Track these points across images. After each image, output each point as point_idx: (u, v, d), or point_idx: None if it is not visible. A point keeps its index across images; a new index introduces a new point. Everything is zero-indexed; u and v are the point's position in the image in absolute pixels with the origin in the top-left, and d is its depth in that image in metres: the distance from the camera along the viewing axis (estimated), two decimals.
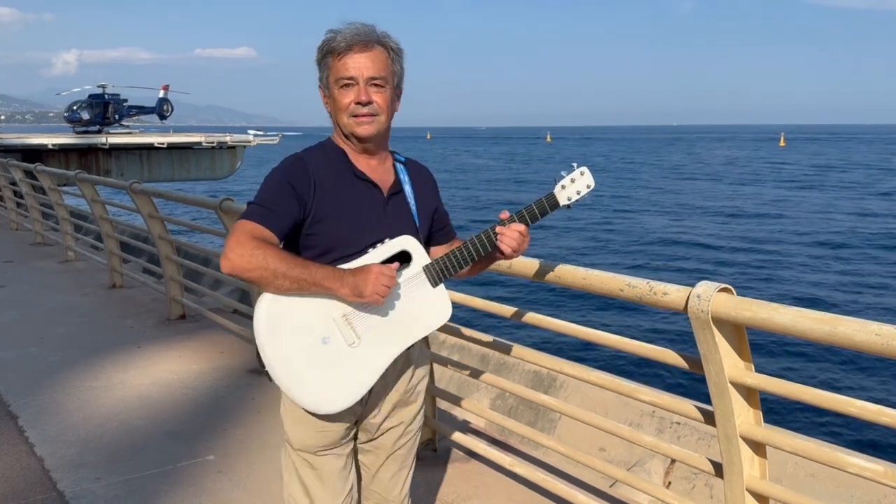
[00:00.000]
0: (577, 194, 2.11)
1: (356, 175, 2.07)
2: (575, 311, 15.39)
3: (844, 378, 11.81)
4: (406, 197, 2.14)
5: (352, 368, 1.99)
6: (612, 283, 2.44)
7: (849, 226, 30.11)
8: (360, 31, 2.00)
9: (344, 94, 2.01)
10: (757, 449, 2.33)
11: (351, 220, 2.02)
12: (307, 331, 1.96)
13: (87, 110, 41.05)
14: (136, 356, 5.47)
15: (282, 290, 1.91)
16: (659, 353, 2.47)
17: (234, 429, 4.14)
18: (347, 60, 1.99)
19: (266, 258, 1.86)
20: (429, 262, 2.07)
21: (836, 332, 1.91)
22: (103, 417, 4.32)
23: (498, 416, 3.65)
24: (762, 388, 2.21)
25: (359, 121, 2.02)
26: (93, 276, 8.38)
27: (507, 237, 2.05)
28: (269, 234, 1.93)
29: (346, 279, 1.91)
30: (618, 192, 44.66)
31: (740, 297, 2.12)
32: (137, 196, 6.47)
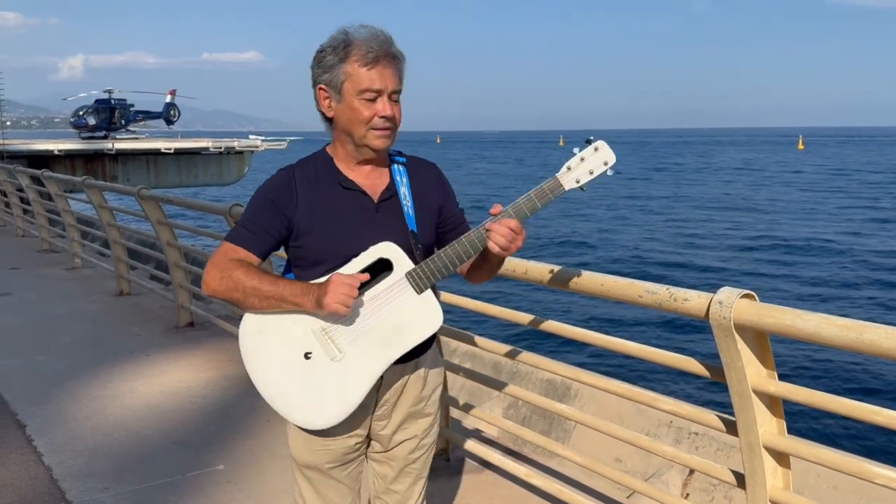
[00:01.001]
0: (590, 174, 1.91)
1: (341, 184, 2.04)
2: (592, 318, 15.36)
3: (871, 386, 11.71)
4: (400, 200, 2.08)
5: (337, 383, 1.97)
6: (631, 290, 2.43)
7: (874, 230, 29.93)
8: (385, 41, 1.97)
9: (367, 107, 1.96)
10: (780, 459, 2.32)
11: (337, 230, 2.01)
12: (289, 347, 1.97)
13: (93, 115, 41.40)
14: (145, 364, 5.49)
15: (255, 308, 1.96)
16: (679, 361, 2.46)
17: (243, 438, 4.15)
18: (376, 72, 1.94)
19: (237, 279, 1.93)
20: (412, 267, 1.98)
21: (863, 338, 1.89)
22: (111, 426, 4.34)
23: (512, 424, 3.64)
24: (786, 396, 2.19)
25: (378, 134, 1.99)
26: (100, 283, 8.44)
27: (494, 234, 1.89)
28: (247, 256, 1.98)
29: (311, 291, 1.92)
30: (635, 197, 44.58)
31: (763, 304, 2.11)
32: (146, 202, 6.51)
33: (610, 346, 2.73)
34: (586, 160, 1.91)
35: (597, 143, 1.92)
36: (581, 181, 1.91)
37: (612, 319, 15.41)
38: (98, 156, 31.19)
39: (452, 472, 3.81)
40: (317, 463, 2.11)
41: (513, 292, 16.23)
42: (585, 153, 1.92)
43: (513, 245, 1.91)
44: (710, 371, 2.35)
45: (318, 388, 1.97)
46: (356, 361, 1.97)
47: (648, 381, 10.87)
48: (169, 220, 6.65)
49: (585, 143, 1.93)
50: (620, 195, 45.65)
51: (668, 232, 30.31)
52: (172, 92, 46.56)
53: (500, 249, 1.91)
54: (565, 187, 1.92)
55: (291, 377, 1.97)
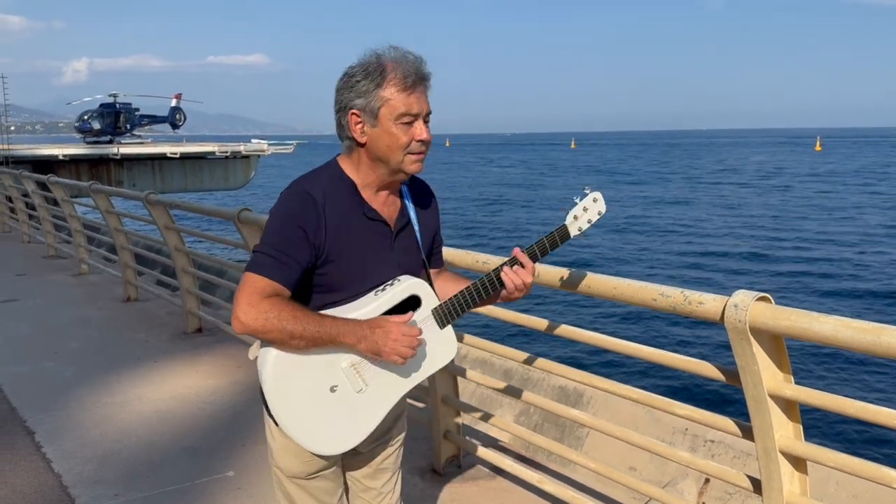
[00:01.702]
0: (589, 223, 2.10)
1: (366, 215, 2.05)
2: (604, 321, 15.36)
3: (890, 390, 11.66)
4: (413, 228, 2.16)
5: (357, 413, 2.04)
6: (645, 293, 2.45)
7: (892, 232, 29.79)
8: (420, 65, 2.00)
9: (405, 132, 1.98)
10: (797, 465, 2.33)
11: (360, 261, 2.04)
12: (314, 381, 2.00)
13: (98, 120, 41.64)
14: (153, 371, 5.54)
15: (297, 349, 1.95)
16: (694, 365, 2.47)
17: (253, 444, 4.19)
18: (413, 97, 1.97)
19: (280, 320, 1.89)
20: (437, 304, 2.09)
21: (880, 341, 1.91)
22: (120, 433, 4.38)
23: (524, 430, 3.66)
24: (802, 400, 2.21)
25: (415, 158, 2.01)
26: (107, 288, 8.50)
27: (512, 275, 2.06)
28: (281, 289, 1.93)
29: (364, 335, 1.93)
30: (648, 200, 44.50)
31: (779, 307, 2.12)
32: (153, 207, 6.57)
33: (623, 350, 2.76)
34: (588, 210, 2.10)
35: (594, 194, 2.11)
36: (582, 229, 2.11)
37: (626, 323, 15.40)
38: (103, 161, 31.42)
39: (464, 478, 3.83)
40: (307, 471, 2.16)
41: (523, 297, 16.13)
42: (587, 203, 2.10)
43: (528, 288, 2.09)
44: (725, 375, 2.37)
45: (341, 419, 2.03)
46: (378, 392, 2.05)
47: (663, 386, 10.87)
48: (176, 224, 6.70)
49: (583, 192, 2.12)
50: (633, 197, 45.61)
51: (682, 234, 30.24)
52: (178, 96, 46.82)
53: (517, 293, 2.08)
54: (571, 235, 2.11)
55: (315, 410, 2.01)
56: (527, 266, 2.06)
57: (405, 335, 1.94)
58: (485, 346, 3.58)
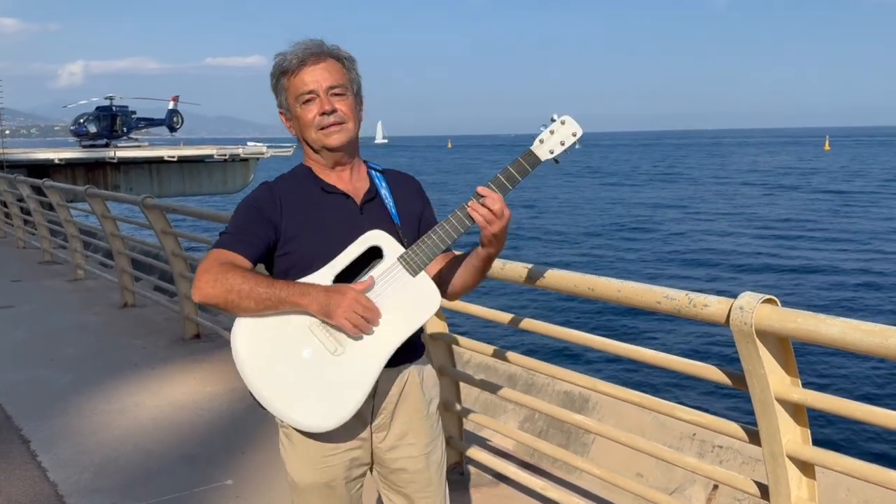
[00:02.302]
0: (562, 145, 2.03)
1: (324, 189, 2.12)
2: (608, 325, 15.36)
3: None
4: (383, 200, 2.17)
5: (340, 378, 1.95)
6: (649, 296, 2.45)
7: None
8: (310, 45, 2.08)
9: (307, 110, 2.07)
10: (805, 470, 2.33)
11: (324, 233, 2.06)
12: (285, 348, 1.96)
13: (94, 123, 41.66)
14: (150, 378, 5.55)
15: (250, 311, 1.94)
16: (699, 369, 2.47)
17: (252, 452, 4.19)
18: (303, 75, 2.05)
19: (230, 281, 1.92)
20: (403, 251, 2.03)
21: (889, 343, 1.90)
22: (117, 441, 4.39)
23: (528, 436, 3.66)
24: (810, 404, 2.21)
25: (327, 132, 2.07)
26: (103, 294, 8.51)
27: (479, 207, 1.96)
28: (238, 259, 2.00)
29: (315, 295, 1.92)
30: (651, 201, 44.50)
31: (785, 309, 2.12)
32: (150, 211, 6.58)
33: (627, 353, 2.76)
34: (556, 133, 2.04)
35: (563, 117, 2.06)
36: (555, 152, 2.03)
37: (631, 327, 15.40)
38: (99, 164, 31.42)
39: (467, 485, 3.83)
40: (318, 482, 2.11)
41: (526, 300, 16.28)
42: (554, 127, 2.04)
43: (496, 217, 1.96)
44: (731, 379, 2.37)
45: (324, 386, 1.95)
46: (359, 352, 1.97)
47: (668, 390, 10.87)
48: (174, 229, 6.72)
49: (551, 120, 2.06)
50: (636, 198, 45.67)
51: (687, 236, 30.24)
52: (175, 98, 46.86)
53: (484, 221, 1.96)
54: (541, 158, 2.04)
55: (292, 379, 1.95)
56: (491, 195, 1.96)
57: (361, 303, 1.91)
58: (488, 350, 3.58)
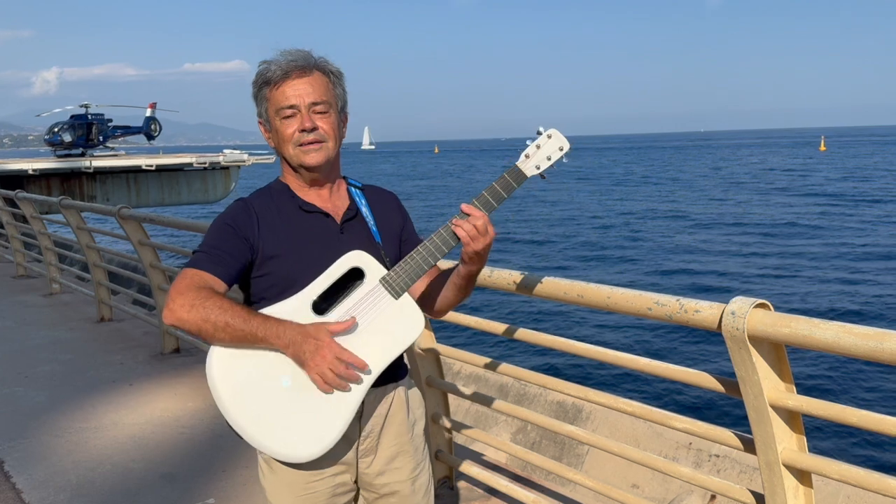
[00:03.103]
0: (548, 160, 2.04)
1: (302, 208, 2.09)
2: (599, 333, 15.40)
3: (894, 398, 11.73)
4: (364, 218, 2.15)
5: (320, 407, 1.93)
6: (639, 302, 2.46)
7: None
8: (297, 57, 2.03)
9: (287, 125, 2.03)
10: (802, 478, 2.33)
11: (302, 254, 2.03)
12: (263, 375, 1.93)
13: (69, 132, 41.43)
14: (128, 394, 5.51)
15: (224, 342, 1.91)
16: (691, 376, 2.48)
17: (234, 469, 4.17)
18: (286, 88, 2.01)
19: (206, 310, 1.88)
20: (385, 273, 2.01)
21: (883, 347, 1.91)
22: (95, 461, 4.36)
23: (520, 449, 3.65)
24: (805, 410, 2.21)
25: (306, 149, 2.03)
26: (80, 309, 8.47)
27: (465, 225, 1.95)
28: (214, 281, 1.96)
29: (293, 340, 1.88)
30: (642, 205, 44.68)
31: (778, 313, 2.12)
32: (126, 222, 6.55)
33: (619, 362, 2.76)
34: (542, 147, 2.05)
35: (549, 131, 2.07)
36: (541, 167, 2.04)
37: (622, 334, 15.45)
38: (75, 174, 31.27)
39: (457, 500, 3.82)
40: None
41: (515, 308, 16.32)
42: (540, 141, 2.05)
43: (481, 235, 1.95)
44: (724, 386, 2.38)
45: (301, 415, 1.93)
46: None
47: (662, 399, 10.91)
48: (152, 240, 6.69)
49: (537, 133, 2.07)
50: (623, 204, 45.89)
51: (678, 241, 30.38)
52: (153, 105, 46.68)
53: (469, 240, 1.95)
54: (527, 174, 2.04)
55: (271, 409, 1.92)
56: (476, 213, 1.96)
57: (336, 359, 1.88)
58: (478, 361, 3.57)
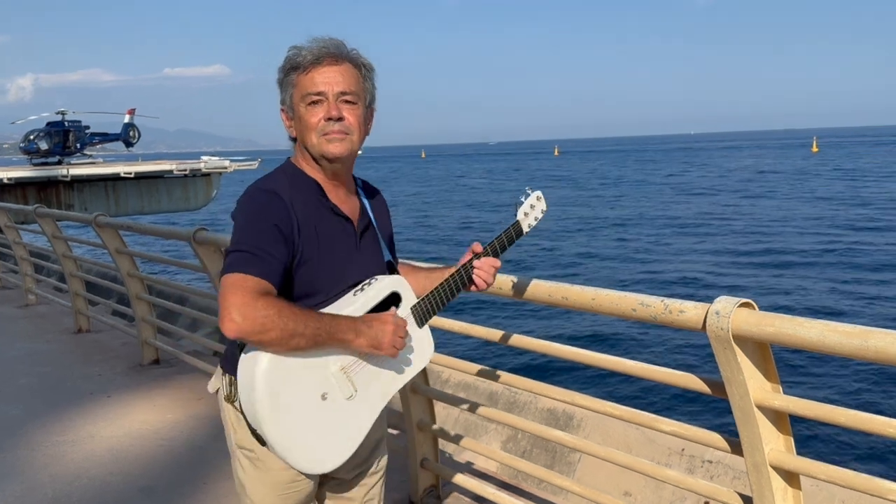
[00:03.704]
0: (536, 220, 2.42)
1: (332, 210, 2.09)
2: (584, 335, 15.46)
3: (881, 396, 11.82)
4: (375, 229, 2.21)
5: (347, 423, 2.05)
6: (624, 303, 2.48)
7: (880, 233, 30.30)
8: (329, 45, 2.03)
9: (312, 112, 2.02)
10: (790, 479, 2.36)
11: (332, 260, 2.05)
12: (306, 389, 1.97)
13: (45, 140, 41.22)
14: (106, 406, 5.49)
15: (296, 349, 1.88)
16: (677, 378, 2.50)
17: (215, 482, 4.16)
18: (315, 75, 2.01)
19: (282, 318, 1.82)
20: (415, 302, 2.18)
21: (868, 345, 1.94)
22: (72, 475, 4.34)
23: (509, 456, 3.66)
24: (792, 411, 2.24)
25: (329, 138, 2.03)
26: (56, 320, 8.42)
27: (483, 272, 2.26)
28: (270, 287, 1.88)
29: (362, 329, 1.97)
30: (627, 208, 44.91)
31: (762, 312, 2.15)
32: (103, 230, 6.53)
33: (605, 364, 2.78)
34: (535, 207, 2.43)
35: (536, 192, 2.44)
36: (531, 226, 2.43)
37: (608, 336, 15.53)
38: (52, 183, 31.13)
39: None
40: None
41: (499, 312, 16.42)
42: (532, 201, 2.42)
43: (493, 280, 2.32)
44: (710, 387, 2.40)
45: (331, 431, 2.03)
46: (366, 398, 2.07)
47: (651, 401, 10.99)
48: (130, 248, 6.67)
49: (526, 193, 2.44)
50: (610, 207, 46.11)
51: (667, 243, 30.55)
52: (131, 111, 46.50)
53: (486, 286, 2.30)
54: (524, 231, 2.40)
55: (309, 423, 1.98)
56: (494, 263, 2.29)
57: (399, 326, 2.03)
58: (467, 367, 3.58)
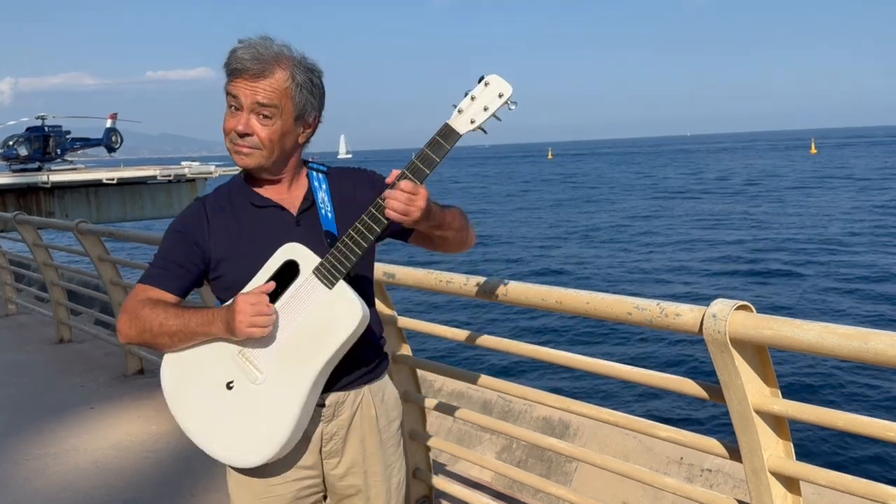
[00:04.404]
0: (485, 111, 1.90)
1: (254, 203, 2.09)
2: (578, 340, 15.51)
3: (881, 399, 11.87)
4: (318, 207, 2.10)
5: (265, 409, 1.97)
6: (619, 307, 2.49)
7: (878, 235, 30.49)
8: (260, 53, 1.97)
9: (228, 117, 2.02)
10: (790, 486, 2.36)
11: (255, 253, 2.03)
12: (209, 381, 2.00)
13: (24, 145, 41.11)
14: (90, 418, 5.48)
15: (170, 347, 2.00)
16: (674, 383, 2.51)
17: (202, 493, 4.15)
18: (237, 81, 1.98)
19: (144, 320, 1.97)
20: (318, 262, 1.97)
21: (868, 347, 1.94)
22: (55, 489, 4.32)
23: (504, 466, 3.67)
24: (791, 415, 2.24)
25: (236, 149, 2.02)
26: (37, 330, 8.39)
27: (389, 201, 1.88)
28: (161, 295, 2.02)
29: (219, 316, 1.95)
30: (620, 211, 45.06)
31: (760, 315, 2.16)
32: (85, 237, 6.52)
33: (599, 370, 2.79)
34: (478, 98, 1.91)
35: (488, 77, 1.92)
36: (476, 121, 1.91)
37: (603, 341, 15.57)
38: (31, 190, 31.04)
39: None
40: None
41: (491, 317, 16.48)
42: (476, 91, 1.91)
43: (412, 207, 1.89)
44: (707, 392, 2.40)
45: (246, 419, 1.98)
46: (280, 380, 1.96)
47: (647, 407, 11.02)
48: (112, 256, 6.66)
49: (478, 81, 1.93)
50: (604, 208, 46.26)
51: (660, 246, 30.68)
52: (113, 116, 46.43)
53: (400, 216, 1.89)
54: (460, 131, 1.92)
55: (217, 412, 1.99)
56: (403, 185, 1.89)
57: (250, 303, 1.89)
58: (459, 375, 3.59)
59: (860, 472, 2.25)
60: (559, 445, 3.24)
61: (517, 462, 5.87)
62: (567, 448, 3.25)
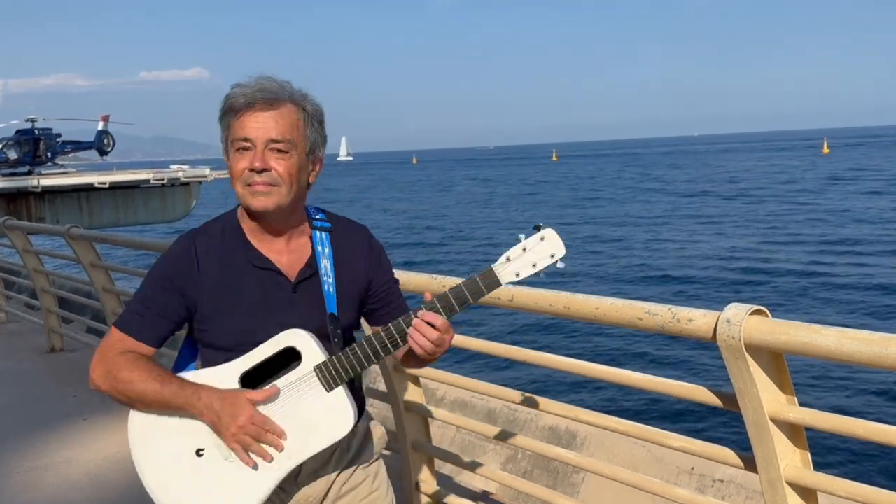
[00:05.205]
0: (533, 267, 1.88)
1: (253, 263, 2.02)
2: (587, 347, 15.49)
3: None
4: (321, 278, 2.06)
5: (229, 487, 1.95)
6: (629, 312, 2.48)
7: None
8: (266, 87, 1.95)
9: (238, 159, 1.94)
10: (807, 497, 2.35)
11: (247, 316, 1.99)
12: (180, 442, 1.96)
13: (14, 149, 41.11)
14: (83, 429, 5.47)
15: (142, 410, 1.98)
16: (686, 391, 2.50)
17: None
18: (245, 119, 1.92)
19: (122, 383, 1.94)
20: (322, 360, 1.94)
21: (889, 353, 1.93)
22: (47, 500, 4.32)
23: (510, 477, 3.66)
24: (808, 423, 2.23)
25: (253, 190, 1.93)
26: (28, 339, 8.39)
27: (418, 334, 1.90)
28: (138, 346, 1.98)
29: (210, 405, 1.90)
30: (632, 213, 45.04)
31: (776, 320, 2.15)
32: (77, 243, 6.51)
33: (609, 377, 2.78)
34: (529, 251, 1.89)
35: (544, 231, 1.89)
36: (521, 275, 1.89)
37: (612, 348, 15.55)
38: (21, 194, 31.09)
39: None
40: None
41: (498, 323, 16.39)
42: (529, 242, 1.89)
43: (441, 348, 1.93)
44: (721, 400, 2.39)
45: (209, 491, 1.96)
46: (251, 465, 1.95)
47: (658, 416, 10.99)
48: (105, 262, 6.65)
49: (534, 229, 1.91)
50: (611, 212, 46.25)
51: (670, 250, 30.66)
52: (105, 118, 46.43)
53: (423, 352, 1.92)
54: (502, 282, 1.90)
55: (182, 476, 1.97)
56: (436, 323, 1.89)
57: (254, 424, 1.88)
58: (463, 384, 3.58)
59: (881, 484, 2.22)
60: (566, 455, 3.23)
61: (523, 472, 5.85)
62: (574, 458, 3.24)
